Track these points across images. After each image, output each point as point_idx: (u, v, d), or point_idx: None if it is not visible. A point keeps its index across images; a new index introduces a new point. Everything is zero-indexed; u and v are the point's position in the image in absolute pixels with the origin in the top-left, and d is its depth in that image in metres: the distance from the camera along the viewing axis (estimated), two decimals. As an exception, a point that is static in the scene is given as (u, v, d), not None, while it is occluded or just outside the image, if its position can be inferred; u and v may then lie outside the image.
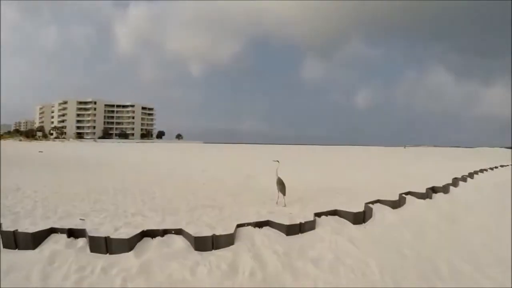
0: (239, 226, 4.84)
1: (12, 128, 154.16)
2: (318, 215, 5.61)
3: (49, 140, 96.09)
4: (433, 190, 7.58)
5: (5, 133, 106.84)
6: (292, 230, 4.96)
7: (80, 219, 6.17)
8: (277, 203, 7.73)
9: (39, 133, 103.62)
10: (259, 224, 5.02)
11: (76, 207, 7.51)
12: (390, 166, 21.79)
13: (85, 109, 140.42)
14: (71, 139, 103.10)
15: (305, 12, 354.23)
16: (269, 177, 13.55)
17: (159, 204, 7.83)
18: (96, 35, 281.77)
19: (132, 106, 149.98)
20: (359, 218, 5.63)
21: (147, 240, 4.26)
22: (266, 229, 4.97)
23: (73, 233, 4.42)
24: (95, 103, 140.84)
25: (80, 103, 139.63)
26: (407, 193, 7.16)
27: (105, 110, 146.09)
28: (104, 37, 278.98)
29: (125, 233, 4.55)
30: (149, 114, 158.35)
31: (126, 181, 12.39)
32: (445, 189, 7.92)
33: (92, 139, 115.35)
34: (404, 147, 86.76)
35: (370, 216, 5.79)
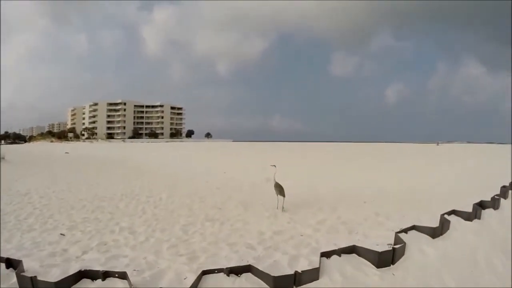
0: (205, 273, 3.66)
1: (46, 130, 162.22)
2: (327, 254, 4.11)
3: (79, 141, 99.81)
4: (481, 205, 6.02)
5: (38, 134, 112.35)
6: (282, 283, 3.50)
7: (61, 234, 5.75)
8: (277, 208, 7.61)
9: (71, 134, 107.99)
10: (237, 271, 3.72)
11: (70, 216, 7.29)
12: (424, 167, 20.09)
13: (115, 110, 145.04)
14: (100, 140, 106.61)
15: (331, 5, 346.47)
16: (291, 181, 12.75)
17: (158, 214, 7.25)
18: (123, 39, 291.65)
19: (161, 106, 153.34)
20: (386, 259, 4.05)
21: (84, 283, 3.43)
22: (245, 277, 3.64)
23: (11, 264, 3.76)
24: (124, 104, 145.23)
25: (110, 104, 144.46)
26: (450, 213, 5.67)
27: (134, 111, 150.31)
28: (132, 40, 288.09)
29: (88, 260, 3.87)
30: (178, 114, 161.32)
31: (138, 184, 12.13)
32: (494, 203, 6.34)
33: (121, 140, 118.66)
34: (437, 144, 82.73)
35: (402, 254, 4.22)
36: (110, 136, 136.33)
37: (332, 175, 15.56)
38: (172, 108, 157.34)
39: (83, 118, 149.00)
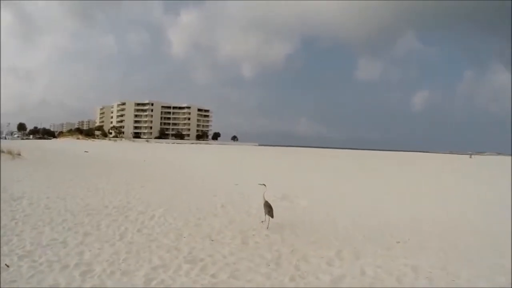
0: None
1: (75, 127, 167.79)
2: None
3: (105, 139, 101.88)
4: None
5: (67, 131, 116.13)
6: None
7: (5, 264, 4.77)
8: (267, 228, 7.38)
9: (98, 132, 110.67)
10: None
11: (39, 235, 6.33)
12: (467, 189, 17.83)
13: (143, 110, 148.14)
14: (123, 139, 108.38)
15: (356, 9, 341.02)
16: (310, 199, 11.28)
17: (134, 243, 5.99)
18: (150, 41, 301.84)
19: (188, 107, 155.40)
20: None
21: None
22: None
23: None
24: (152, 104, 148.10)
25: (138, 104, 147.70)
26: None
27: (161, 112, 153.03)
28: (158, 42, 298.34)
29: None
30: (205, 116, 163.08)
31: (139, 194, 11.22)
32: None
33: (145, 140, 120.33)
34: (470, 157, 78.17)
35: None
36: (137, 135, 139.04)
37: (357, 195, 13.89)
38: (199, 110, 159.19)
39: (111, 117, 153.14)
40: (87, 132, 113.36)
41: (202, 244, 6.04)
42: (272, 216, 7.43)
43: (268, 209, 7.46)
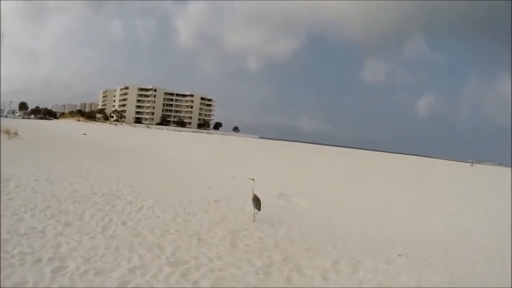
0: None
1: (77, 109, 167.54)
2: None
3: (106, 122, 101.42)
4: None
5: (68, 112, 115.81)
6: None
7: None
8: (254, 220, 7.57)
9: (99, 115, 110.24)
10: None
11: (19, 221, 5.90)
12: (473, 197, 17.40)
13: (145, 96, 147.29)
14: (124, 123, 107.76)
15: (365, 9, 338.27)
16: (308, 201, 10.77)
17: (116, 237, 5.56)
18: (157, 29, 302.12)
19: (191, 95, 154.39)
20: None
21: None
22: None
23: None
24: (155, 90, 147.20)
25: (141, 89, 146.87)
26: None
27: (164, 98, 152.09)
28: (165, 31, 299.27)
29: None
30: (208, 105, 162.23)
31: (131, 182, 10.87)
32: None
33: (146, 125, 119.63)
34: (471, 165, 77.79)
35: None
36: (138, 120, 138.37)
37: (357, 198, 13.51)
38: (202, 98, 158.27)
39: (114, 101, 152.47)
40: (89, 115, 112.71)
41: (188, 243, 5.60)
42: (259, 209, 7.55)
43: (256, 202, 7.57)
